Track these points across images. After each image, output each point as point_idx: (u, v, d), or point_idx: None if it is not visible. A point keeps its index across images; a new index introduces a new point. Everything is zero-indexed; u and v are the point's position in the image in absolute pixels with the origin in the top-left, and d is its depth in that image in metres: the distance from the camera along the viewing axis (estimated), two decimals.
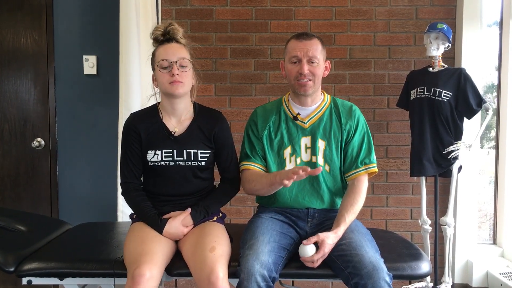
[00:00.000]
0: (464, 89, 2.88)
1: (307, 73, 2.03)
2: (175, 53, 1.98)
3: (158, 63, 1.98)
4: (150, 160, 2.01)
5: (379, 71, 3.34)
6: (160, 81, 2.00)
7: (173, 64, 1.96)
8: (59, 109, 3.32)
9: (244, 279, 1.72)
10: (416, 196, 3.33)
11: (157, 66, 1.99)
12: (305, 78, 2.04)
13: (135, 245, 1.87)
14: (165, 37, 2.03)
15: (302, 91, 2.07)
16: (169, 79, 1.96)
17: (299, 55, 2.04)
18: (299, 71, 2.04)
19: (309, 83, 2.05)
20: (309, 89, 2.07)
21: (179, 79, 1.96)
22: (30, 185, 3.36)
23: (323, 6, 3.31)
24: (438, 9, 3.31)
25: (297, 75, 2.05)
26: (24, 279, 1.93)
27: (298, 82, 2.06)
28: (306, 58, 2.03)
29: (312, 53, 2.03)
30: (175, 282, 3.40)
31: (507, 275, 3.13)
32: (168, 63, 1.96)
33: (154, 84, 2.08)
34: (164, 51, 2.00)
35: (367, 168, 2.10)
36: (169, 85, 1.97)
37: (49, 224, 2.44)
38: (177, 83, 1.96)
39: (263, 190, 2.04)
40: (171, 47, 2.01)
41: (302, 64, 2.03)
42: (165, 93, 2.02)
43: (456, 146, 2.91)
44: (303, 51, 2.03)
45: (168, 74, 1.96)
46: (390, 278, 1.76)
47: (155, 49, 2.05)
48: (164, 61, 1.97)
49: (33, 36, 3.29)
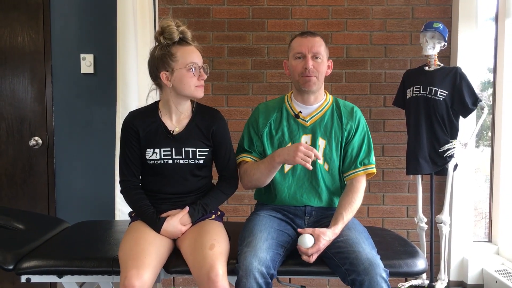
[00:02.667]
0: (460, 88, 2.90)
1: (311, 69, 2.05)
2: (200, 58, 2.02)
3: (187, 65, 1.97)
4: (148, 158, 2.02)
5: (375, 70, 3.36)
6: (186, 83, 1.99)
7: (200, 68, 2.00)
8: (56, 107, 3.33)
9: (243, 276, 1.74)
10: (412, 194, 3.35)
11: (182, 68, 1.97)
12: (309, 73, 2.06)
13: (130, 245, 1.88)
14: (179, 37, 2.01)
15: (306, 86, 2.09)
16: (196, 82, 2.00)
17: (303, 51, 2.07)
18: (304, 66, 2.06)
19: (313, 79, 2.07)
20: (313, 85, 2.08)
21: (203, 84, 2.02)
22: (28, 183, 3.36)
23: (320, 5, 3.32)
24: (434, 8, 3.33)
25: (302, 70, 2.07)
26: (23, 277, 1.94)
27: (303, 78, 2.08)
28: (310, 54, 2.06)
29: (316, 49, 2.06)
30: (172, 280, 3.41)
31: (502, 273, 3.16)
32: (196, 66, 1.99)
33: (167, 83, 2.01)
34: (191, 54, 2.00)
35: (366, 169, 2.12)
36: (195, 88, 2.00)
37: (47, 223, 2.44)
38: (202, 87, 2.02)
39: (263, 178, 2.07)
40: (195, 51, 2.02)
41: (307, 60, 2.06)
42: (186, 95, 2.02)
43: (451, 145, 2.93)
44: (308, 47, 2.06)
45: (197, 78, 2.00)
46: (387, 274, 1.78)
47: (171, 48, 1.99)
48: (195, 64, 1.98)
49: (30, 35, 3.29)
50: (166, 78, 2.01)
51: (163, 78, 2.01)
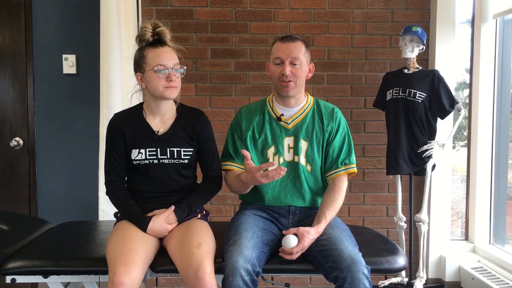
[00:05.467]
0: (438, 90, 2.97)
1: (289, 75, 2.08)
2: (171, 59, 2.02)
3: (154, 67, 1.98)
4: (134, 158, 2.04)
5: (356, 72, 3.42)
6: (154, 84, 2.00)
7: (170, 70, 2.00)
8: (38, 108, 3.30)
9: (229, 274, 1.77)
10: (392, 194, 3.41)
11: (152, 70, 1.99)
12: (286, 79, 2.09)
13: (117, 243, 1.90)
14: (154, 39, 2.03)
15: (284, 92, 2.13)
16: (165, 84, 2.00)
17: (282, 57, 2.09)
18: (282, 72, 2.09)
19: (291, 84, 2.10)
20: (290, 90, 2.12)
21: (174, 85, 2.01)
22: (8, 184, 3.32)
23: (302, 8, 3.37)
24: (413, 12, 3.40)
25: (280, 76, 2.10)
26: (8, 277, 1.93)
27: (280, 83, 2.11)
28: (288, 59, 2.08)
29: (295, 55, 2.08)
30: (155, 281, 3.41)
31: (479, 270, 3.24)
32: (164, 68, 1.99)
33: (142, 84, 2.07)
34: (160, 55, 2.00)
35: (347, 169, 2.17)
36: (164, 89, 2.00)
37: (31, 223, 2.44)
38: (172, 88, 2.01)
39: (241, 190, 2.14)
40: (166, 52, 2.02)
41: (284, 66, 2.08)
42: (157, 96, 2.04)
43: (430, 145, 3.00)
44: (286, 53, 2.09)
45: (165, 79, 1.99)
46: (368, 271, 1.83)
47: (144, 49, 2.03)
48: (161, 66, 1.98)
49: (11, 35, 3.26)
50: (140, 79, 2.06)
51: (137, 80, 2.07)
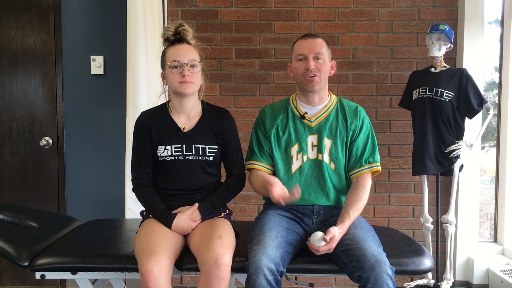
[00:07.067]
0: (466, 89, 2.92)
1: (313, 69, 2.09)
2: (186, 55, 2.06)
3: (169, 63, 2.05)
4: (160, 155, 2.07)
5: (381, 71, 3.39)
6: (170, 80, 2.07)
7: (184, 65, 2.03)
8: (67, 108, 3.38)
9: (253, 273, 1.78)
10: (418, 194, 3.37)
11: (168, 66, 2.06)
12: (311, 73, 2.10)
13: (144, 239, 1.93)
14: (175, 37, 2.10)
15: (309, 87, 2.13)
16: (179, 79, 2.04)
17: (305, 53, 2.11)
18: (306, 66, 2.10)
19: (316, 78, 2.11)
20: (315, 84, 2.12)
21: (189, 80, 2.04)
22: (38, 183, 3.41)
23: (326, 7, 3.36)
24: (440, 10, 3.35)
25: (304, 71, 2.11)
26: (38, 273, 1.98)
27: (305, 78, 2.12)
28: (312, 54, 2.10)
29: (317, 50, 2.11)
30: (180, 279, 3.45)
31: (508, 273, 3.17)
32: (179, 64, 2.03)
33: (164, 82, 2.15)
34: (176, 52, 2.06)
35: (371, 167, 2.16)
36: (179, 84, 2.04)
37: (60, 221, 2.49)
38: (187, 83, 2.04)
39: (262, 193, 2.16)
40: (182, 48, 2.08)
41: (308, 60, 2.10)
42: (175, 92, 2.09)
43: (457, 145, 2.95)
44: (309, 49, 2.11)
45: (179, 74, 2.04)
46: (393, 271, 1.81)
47: (166, 48, 2.12)
48: (175, 62, 2.04)
49: (41, 37, 3.34)
50: (163, 77, 2.15)
51: (162, 77, 2.16)
